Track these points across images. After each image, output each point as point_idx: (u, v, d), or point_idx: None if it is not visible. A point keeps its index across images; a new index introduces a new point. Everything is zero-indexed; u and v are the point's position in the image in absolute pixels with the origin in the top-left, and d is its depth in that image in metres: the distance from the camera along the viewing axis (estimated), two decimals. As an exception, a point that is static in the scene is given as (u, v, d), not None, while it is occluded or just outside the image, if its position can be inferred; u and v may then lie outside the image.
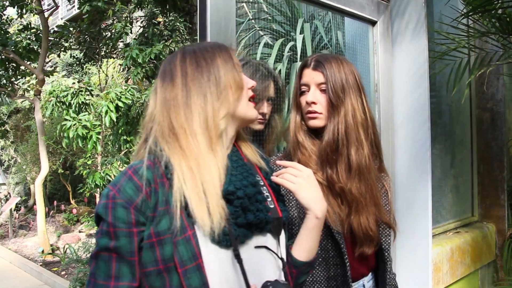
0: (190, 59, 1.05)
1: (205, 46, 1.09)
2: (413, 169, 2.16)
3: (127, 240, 0.93)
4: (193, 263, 0.93)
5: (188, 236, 0.94)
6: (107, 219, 0.93)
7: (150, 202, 0.95)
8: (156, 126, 1.02)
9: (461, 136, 3.30)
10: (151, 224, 0.94)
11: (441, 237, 2.84)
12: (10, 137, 11.27)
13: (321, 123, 1.34)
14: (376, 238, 1.35)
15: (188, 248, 0.93)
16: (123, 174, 0.97)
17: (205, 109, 1.00)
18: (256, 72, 1.62)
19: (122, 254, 0.93)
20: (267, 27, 3.10)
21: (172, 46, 5.67)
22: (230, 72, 1.05)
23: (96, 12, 6.46)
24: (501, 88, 3.33)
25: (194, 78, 1.02)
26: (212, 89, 1.02)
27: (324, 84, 1.34)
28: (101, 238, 0.94)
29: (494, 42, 2.82)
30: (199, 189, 0.95)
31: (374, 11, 2.13)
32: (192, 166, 0.97)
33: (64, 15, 12.24)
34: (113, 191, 0.94)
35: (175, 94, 1.02)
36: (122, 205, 0.93)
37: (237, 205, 1.00)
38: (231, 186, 1.00)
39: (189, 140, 0.98)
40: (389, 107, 2.17)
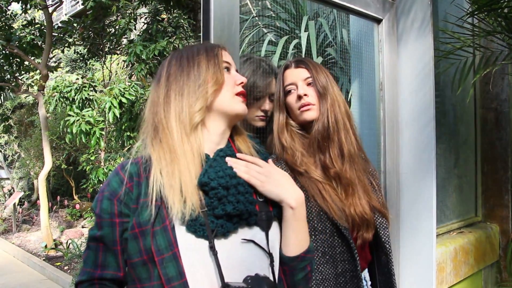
0: (176, 60, 1.11)
1: (194, 46, 1.14)
2: (418, 168, 2.15)
3: (109, 229, 1.01)
4: (169, 252, 0.95)
5: (166, 226, 0.97)
6: (96, 211, 1.03)
7: (133, 194, 1.02)
8: (145, 125, 1.10)
9: (465, 136, 3.28)
10: (134, 216, 1.00)
11: (445, 237, 2.83)
12: (14, 132, 11.29)
13: (315, 114, 1.39)
14: (372, 221, 1.38)
15: (165, 237, 0.96)
16: (114, 171, 1.07)
17: (181, 104, 1.05)
18: (258, 69, 1.62)
19: (107, 243, 1.01)
20: (271, 25, 3.09)
21: (176, 43, 5.66)
22: (212, 68, 1.08)
23: (100, 8, 6.45)
24: (506, 87, 3.31)
25: (175, 77, 1.08)
26: (190, 85, 1.06)
27: (310, 78, 1.41)
28: (91, 229, 1.04)
29: (500, 41, 2.80)
30: (173, 178, 0.99)
31: (380, 9, 2.12)
32: (167, 158, 1.01)
33: (68, 11, 12.24)
34: (103, 186, 1.05)
35: (159, 93, 1.08)
36: (107, 197, 1.02)
37: (212, 196, 1.01)
38: (205, 177, 1.01)
39: (166, 134, 1.03)
40: (394, 105, 2.16)
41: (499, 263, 3.32)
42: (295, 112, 1.42)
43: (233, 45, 1.44)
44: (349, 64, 2.36)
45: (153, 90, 1.11)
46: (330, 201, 1.31)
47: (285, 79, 1.44)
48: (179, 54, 1.12)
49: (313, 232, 1.31)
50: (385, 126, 2.12)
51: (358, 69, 2.23)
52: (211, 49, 1.12)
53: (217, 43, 1.23)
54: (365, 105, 2.20)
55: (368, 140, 2.14)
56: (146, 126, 1.09)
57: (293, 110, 1.42)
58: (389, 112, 2.14)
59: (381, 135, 2.13)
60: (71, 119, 5.36)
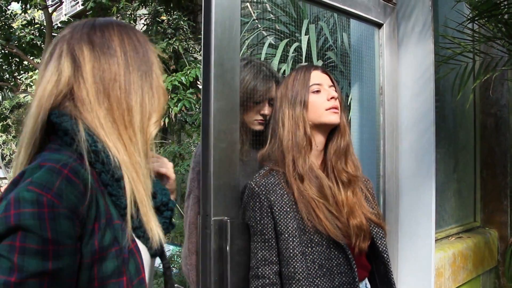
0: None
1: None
2: (417, 173, 2.15)
3: (72, 259, 0.75)
4: (137, 277, 0.85)
5: (132, 250, 0.85)
6: (44, 234, 0.71)
7: (91, 212, 0.79)
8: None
9: (464, 141, 3.29)
10: (93, 238, 0.78)
11: (444, 242, 2.82)
12: (12, 132, 11.29)
13: (339, 120, 1.41)
14: (368, 231, 1.39)
15: (134, 262, 0.85)
16: (56, 173, 0.76)
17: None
18: (259, 73, 1.61)
19: (63, 277, 0.74)
20: (272, 28, 3.10)
21: (176, 45, 5.67)
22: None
23: (100, 9, 6.46)
24: (506, 93, 3.32)
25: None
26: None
27: (333, 87, 1.44)
28: (28, 260, 0.70)
29: (500, 47, 2.81)
30: (146, 197, 0.87)
31: (381, 14, 2.11)
32: (138, 171, 0.87)
33: (68, 11, 12.23)
34: (48, 196, 0.72)
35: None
36: (66, 215, 0.74)
37: (168, 217, 0.96)
38: (164, 196, 0.96)
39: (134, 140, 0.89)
40: (394, 110, 2.16)
41: (498, 268, 3.32)
42: (320, 111, 1.41)
43: (233, 49, 1.43)
44: (349, 68, 2.36)
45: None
46: (324, 219, 1.30)
47: (312, 78, 1.43)
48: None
49: (310, 244, 1.30)
50: (385, 130, 2.12)
51: (358, 73, 2.23)
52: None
53: (218, 46, 1.23)
54: (365, 109, 2.20)
55: (368, 145, 2.14)
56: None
57: (317, 110, 1.41)
58: (389, 117, 2.14)
59: (381, 139, 2.12)
60: (70, 120, 5.35)
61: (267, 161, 1.43)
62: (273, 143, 1.43)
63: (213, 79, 1.37)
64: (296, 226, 1.30)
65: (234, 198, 1.41)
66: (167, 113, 5.42)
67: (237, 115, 1.43)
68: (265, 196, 1.33)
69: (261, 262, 1.32)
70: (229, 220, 1.35)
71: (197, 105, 5.30)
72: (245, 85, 1.57)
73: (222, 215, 1.37)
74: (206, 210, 1.36)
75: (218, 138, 1.37)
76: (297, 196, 1.32)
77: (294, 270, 1.27)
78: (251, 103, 1.60)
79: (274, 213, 1.31)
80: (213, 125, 1.36)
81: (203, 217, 1.37)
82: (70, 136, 0.83)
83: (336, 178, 1.40)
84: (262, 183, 1.35)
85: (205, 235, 1.36)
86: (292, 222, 1.31)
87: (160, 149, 5.48)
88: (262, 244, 1.32)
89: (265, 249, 1.32)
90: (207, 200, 1.36)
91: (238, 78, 1.44)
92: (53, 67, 0.88)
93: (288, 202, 1.32)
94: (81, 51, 0.87)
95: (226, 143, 1.39)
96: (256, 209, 1.33)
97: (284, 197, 1.33)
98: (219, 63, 1.39)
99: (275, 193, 1.33)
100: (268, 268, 1.31)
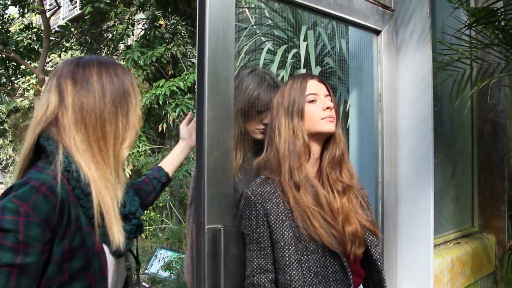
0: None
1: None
2: (416, 179, 2.16)
3: (38, 257, 0.96)
4: (100, 273, 1.06)
5: (98, 251, 1.05)
6: (18, 236, 0.93)
7: (63, 220, 0.99)
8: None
9: (462, 146, 3.29)
10: (64, 241, 0.99)
11: (442, 248, 2.83)
12: (8, 136, 11.25)
13: (334, 128, 1.43)
14: (363, 238, 1.40)
15: (98, 261, 1.05)
16: (35, 190, 0.97)
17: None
18: (262, 82, 1.61)
19: (29, 270, 0.95)
20: (270, 33, 3.10)
21: (174, 50, 5.67)
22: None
23: (98, 13, 6.46)
24: (503, 99, 3.33)
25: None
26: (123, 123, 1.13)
27: (329, 96, 1.46)
28: (2, 253, 0.93)
29: (497, 53, 2.82)
30: (112, 207, 1.06)
31: (379, 21, 2.12)
32: (105, 182, 1.07)
33: (66, 15, 12.23)
34: (25, 208, 0.94)
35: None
36: (38, 224, 0.94)
37: (135, 224, 1.16)
38: (132, 207, 1.16)
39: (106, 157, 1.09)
40: (392, 117, 2.17)
41: (495, 274, 3.32)
42: (315, 121, 1.41)
43: (228, 57, 1.44)
44: (348, 74, 2.37)
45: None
46: (319, 227, 1.31)
47: (308, 87, 1.44)
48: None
49: (305, 252, 1.31)
50: (383, 137, 2.12)
51: (356, 80, 2.23)
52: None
53: (212, 55, 1.35)
54: (364, 116, 2.20)
55: (366, 151, 2.15)
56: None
57: (312, 119, 1.42)
58: (387, 123, 2.14)
59: (379, 146, 2.12)
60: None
61: (263, 170, 1.44)
62: (269, 152, 1.43)
63: (207, 88, 1.38)
64: (292, 234, 1.31)
65: (228, 206, 1.42)
66: (165, 119, 5.42)
67: (232, 123, 1.44)
68: (261, 204, 1.33)
69: (257, 270, 1.32)
70: (222, 228, 1.36)
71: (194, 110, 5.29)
72: (248, 94, 1.58)
73: (216, 223, 1.38)
74: (200, 218, 1.37)
75: (212, 147, 1.38)
76: (292, 204, 1.33)
77: (291, 278, 1.28)
78: (254, 112, 1.60)
79: (270, 222, 1.32)
80: (207, 134, 1.38)
81: (197, 225, 1.38)
82: (52, 157, 1.03)
83: (331, 187, 1.41)
84: (258, 192, 1.35)
85: (199, 243, 1.37)
86: (288, 231, 1.31)
87: (158, 155, 5.47)
88: (257, 252, 1.33)
89: (260, 258, 1.33)
90: (201, 208, 1.37)
91: (232, 87, 1.45)
92: (45, 98, 1.09)
93: (284, 211, 1.33)
94: (65, 85, 1.08)
95: (220, 151, 1.40)
96: (252, 217, 1.34)
97: (280, 206, 1.34)
98: (213, 72, 1.40)
99: (271, 202, 1.34)
100: (264, 276, 1.31)
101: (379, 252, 1.46)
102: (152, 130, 6.23)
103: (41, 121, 1.06)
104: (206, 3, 1.39)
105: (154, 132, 6.29)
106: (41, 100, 1.10)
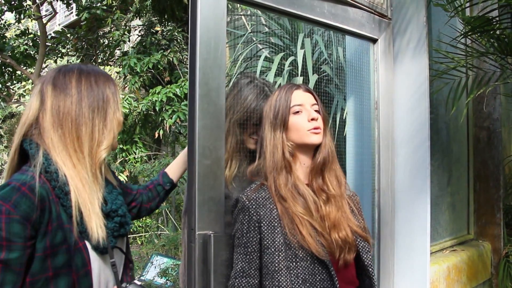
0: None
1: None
2: (412, 186, 2.16)
3: (21, 253, 1.02)
4: (83, 269, 1.11)
5: (80, 248, 1.11)
6: (0, 233, 1.01)
7: (44, 218, 1.06)
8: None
9: (458, 154, 3.31)
10: (46, 238, 1.06)
11: (438, 255, 2.83)
12: (3, 142, 11.21)
13: (321, 139, 1.43)
14: (353, 244, 1.40)
15: (81, 257, 1.11)
16: (15, 189, 1.04)
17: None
18: (261, 93, 1.62)
19: (12, 265, 1.02)
20: (267, 41, 3.11)
21: (170, 56, 5.68)
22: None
23: (94, 19, 6.47)
24: (498, 107, 3.35)
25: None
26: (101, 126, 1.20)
27: (317, 105, 1.46)
28: None
29: (492, 62, 2.84)
30: (91, 206, 1.12)
31: (375, 29, 2.13)
32: (84, 184, 1.13)
33: (62, 21, 12.23)
34: (7, 207, 1.02)
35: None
36: (19, 221, 1.02)
37: (117, 222, 1.22)
38: (114, 205, 1.22)
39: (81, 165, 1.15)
40: (389, 124, 2.18)
41: (491, 281, 3.33)
42: (301, 132, 1.42)
43: (219, 67, 1.45)
44: (345, 82, 2.37)
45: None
46: (307, 236, 1.32)
47: (293, 99, 1.44)
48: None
49: (294, 259, 1.31)
50: (380, 144, 2.13)
51: (353, 88, 2.24)
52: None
53: (203, 66, 1.40)
54: (360, 124, 2.21)
55: (363, 159, 2.15)
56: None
57: (298, 131, 1.42)
58: (384, 131, 2.15)
59: (376, 153, 2.13)
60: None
61: (256, 176, 1.45)
62: (260, 160, 1.46)
63: (198, 98, 1.40)
64: (283, 241, 1.32)
65: (218, 213, 1.44)
66: (161, 125, 5.41)
67: (223, 132, 1.46)
68: (255, 210, 1.34)
69: (239, 273, 1.33)
70: (213, 234, 1.39)
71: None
72: (246, 105, 1.59)
73: (207, 229, 1.40)
74: (191, 224, 1.40)
75: (203, 155, 1.40)
76: (281, 212, 1.35)
77: (279, 284, 1.28)
78: (251, 123, 1.60)
79: (262, 228, 1.33)
80: (198, 142, 1.40)
81: (188, 231, 1.41)
82: (33, 160, 1.10)
83: (316, 195, 1.42)
84: (253, 198, 1.37)
85: (190, 249, 1.39)
86: (279, 237, 1.32)
87: (154, 161, 5.46)
88: (243, 256, 1.34)
89: (245, 262, 1.34)
90: (192, 214, 1.40)
91: (223, 96, 1.46)
92: (29, 103, 1.18)
93: (276, 217, 1.34)
94: (46, 90, 1.16)
95: (211, 159, 1.42)
96: (245, 222, 1.35)
97: (273, 212, 1.35)
98: (204, 82, 1.42)
99: (265, 208, 1.35)
100: (245, 281, 1.32)
101: (370, 258, 1.45)
102: (148, 137, 6.22)
103: (24, 124, 1.15)
104: (197, 15, 1.42)
105: (150, 139, 6.28)
106: (26, 106, 1.20)
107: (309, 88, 1.50)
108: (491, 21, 2.55)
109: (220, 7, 1.47)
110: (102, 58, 7.51)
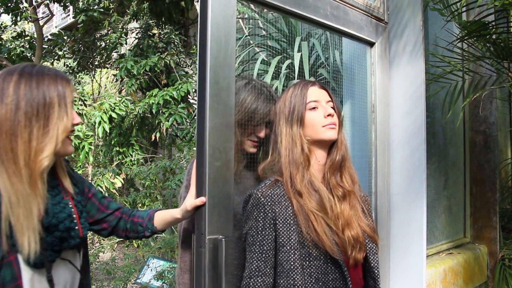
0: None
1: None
2: (409, 190, 2.17)
3: None
4: (12, 283, 1.07)
5: (11, 261, 1.07)
6: None
7: None
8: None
9: (454, 158, 3.32)
10: None
11: (434, 258, 2.84)
12: None
13: (337, 135, 1.44)
14: (364, 243, 1.41)
15: (10, 270, 1.07)
16: None
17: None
18: (260, 95, 1.60)
19: None
20: (264, 44, 3.12)
21: (167, 59, 5.68)
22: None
23: (91, 21, 6.46)
24: (494, 111, 3.36)
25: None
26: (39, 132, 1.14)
27: (331, 102, 1.47)
28: None
29: (488, 66, 2.86)
30: (25, 223, 1.07)
31: (372, 33, 2.14)
32: (18, 196, 1.08)
33: (59, 24, 12.21)
34: None
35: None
36: None
37: (57, 236, 1.16)
38: (55, 219, 1.16)
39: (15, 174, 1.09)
40: (385, 128, 2.18)
41: (487, 284, 3.34)
42: (317, 128, 1.42)
43: (229, 66, 1.42)
44: (341, 85, 2.38)
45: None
46: (321, 233, 1.31)
47: (309, 95, 1.45)
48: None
49: (308, 258, 1.31)
50: (376, 148, 2.13)
51: (350, 91, 2.25)
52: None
53: (214, 64, 1.32)
54: (357, 127, 2.21)
55: (360, 162, 2.15)
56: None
57: (314, 126, 1.43)
58: (380, 134, 2.16)
59: (373, 156, 2.14)
60: (60, 133, 5.31)
61: (270, 173, 1.44)
62: (274, 157, 1.45)
63: (209, 97, 1.36)
64: (298, 239, 1.31)
65: (228, 216, 1.39)
66: (158, 128, 5.41)
67: (232, 133, 1.42)
68: (270, 207, 1.33)
69: (255, 272, 1.31)
70: (224, 239, 1.34)
71: (188, 119, 5.29)
72: (246, 107, 1.56)
73: (217, 234, 1.35)
74: (201, 228, 1.35)
75: (213, 156, 1.36)
76: (296, 209, 1.33)
77: (294, 283, 1.28)
78: (250, 125, 1.58)
79: (277, 225, 1.32)
80: (208, 143, 1.35)
81: (198, 236, 1.35)
82: None
83: (332, 192, 1.42)
84: (268, 194, 1.35)
85: (200, 254, 1.34)
86: (294, 235, 1.31)
87: (151, 164, 5.45)
88: (259, 254, 1.32)
89: (261, 260, 1.32)
90: (202, 218, 1.35)
91: (233, 96, 1.43)
92: None
93: (292, 215, 1.33)
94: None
95: (221, 161, 1.38)
96: (260, 219, 1.33)
97: (288, 209, 1.34)
98: (215, 81, 1.38)
99: (280, 205, 1.34)
100: (261, 280, 1.30)
101: (377, 260, 1.46)
102: (145, 139, 6.22)
103: None
104: (208, 12, 1.38)
105: (147, 141, 6.27)
106: None
107: (324, 85, 1.50)
108: (487, 25, 2.56)
109: (230, 4, 1.44)
110: (99, 61, 7.49)
